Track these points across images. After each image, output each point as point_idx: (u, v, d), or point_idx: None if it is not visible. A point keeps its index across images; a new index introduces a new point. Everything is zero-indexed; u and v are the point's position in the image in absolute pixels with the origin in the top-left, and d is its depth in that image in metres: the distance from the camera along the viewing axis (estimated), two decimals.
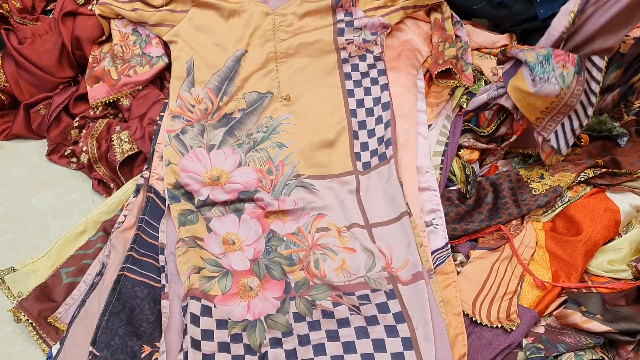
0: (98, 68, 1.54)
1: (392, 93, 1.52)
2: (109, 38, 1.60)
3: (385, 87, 1.53)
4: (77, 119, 1.53)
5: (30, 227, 1.44)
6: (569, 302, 1.25)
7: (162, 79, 1.60)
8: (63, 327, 1.25)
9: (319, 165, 1.43)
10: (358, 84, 1.54)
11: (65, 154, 1.53)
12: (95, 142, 1.49)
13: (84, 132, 1.52)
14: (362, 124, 1.50)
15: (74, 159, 1.53)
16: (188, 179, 1.37)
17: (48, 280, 1.30)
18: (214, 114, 1.48)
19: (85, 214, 1.42)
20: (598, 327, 1.19)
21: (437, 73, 1.53)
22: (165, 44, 1.58)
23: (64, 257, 1.35)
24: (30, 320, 1.25)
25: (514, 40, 1.66)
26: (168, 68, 1.57)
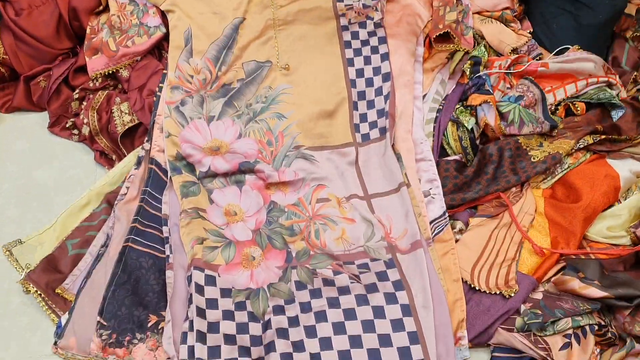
0: (96, 39, 1.53)
1: (391, 62, 1.51)
2: (106, 8, 1.58)
3: (386, 56, 1.51)
4: (77, 91, 1.53)
5: (35, 201, 1.45)
6: (567, 268, 1.27)
7: (160, 49, 1.59)
8: (71, 297, 1.27)
9: (319, 136, 1.43)
10: (358, 53, 1.53)
11: (67, 126, 1.53)
12: (96, 114, 1.49)
13: (85, 103, 1.52)
14: (361, 95, 1.49)
15: (76, 131, 1.53)
16: (190, 150, 1.37)
17: (54, 252, 1.32)
18: (213, 84, 1.48)
19: (88, 187, 1.43)
20: (596, 292, 1.20)
21: (435, 37, 1.51)
22: (163, 14, 1.56)
23: (69, 229, 1.36)
24: (39, 292, 1.27)
25: (516, 3, 1.64)
26: (166, 38, 1.55)
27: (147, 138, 1.43)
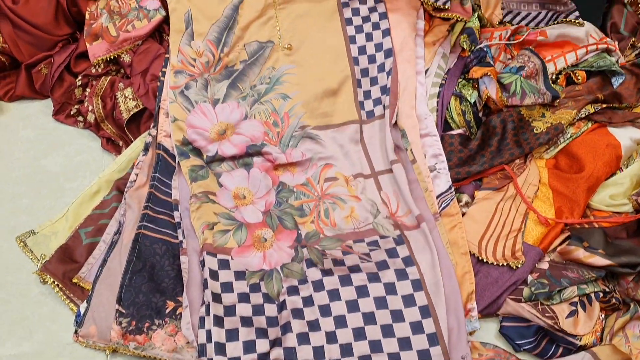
0: (96, 25, 1.52)
1: (392, 38, 1.50)
2: None
3: (387, 32, 1.50)
4: (79, 78, 1.52)
5: (45, 189, 1.45)
6: (572, 238, 1.29)
7: (160, 32, 1.57)
8: (88, 286, 1.28)
9: (324, 115, 1.43)
10: (359, 30, 1.52)
11: (72, 114, 1.53)
12: (100, 100, 1.49)
13: (88, 90, 1.52)
14: (364, 72, 1.49)
15: (81, 118, 1.53)
16: (195, 135, 1.38)
17: (69, 242, 1.33)
18: (216, 67, 1.47)
19: (97, 174, 1.44)
20: (600, 261, 1.24)
21: (433, 8, 1.50)
22: None
23: (81, 217, 1.37)
24: (56, 282, 1.28)
25: None
26: (166, 21, 1.54)
27: (153, 124, 1.44)
